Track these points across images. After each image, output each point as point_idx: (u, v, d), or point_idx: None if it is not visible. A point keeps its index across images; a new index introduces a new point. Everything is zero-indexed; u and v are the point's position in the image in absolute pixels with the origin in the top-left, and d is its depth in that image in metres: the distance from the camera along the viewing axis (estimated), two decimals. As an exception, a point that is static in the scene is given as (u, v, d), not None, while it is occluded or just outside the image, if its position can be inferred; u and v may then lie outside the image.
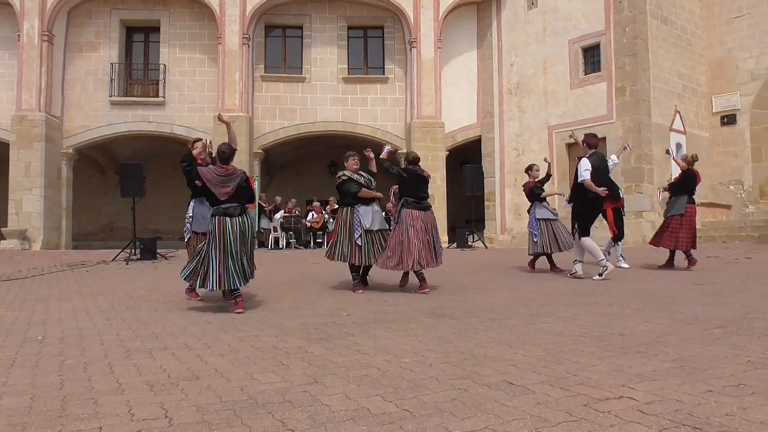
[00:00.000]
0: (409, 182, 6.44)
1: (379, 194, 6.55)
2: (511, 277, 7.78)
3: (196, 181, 5.33)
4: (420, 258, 6.15)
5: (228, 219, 5.08)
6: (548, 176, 8.79)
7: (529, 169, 8.79)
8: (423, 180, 6.55)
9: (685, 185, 8.13)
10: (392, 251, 6.23)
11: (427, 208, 6.49)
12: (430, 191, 7.00)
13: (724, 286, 6.21)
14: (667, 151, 10.37)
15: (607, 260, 7.15)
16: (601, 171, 7.20)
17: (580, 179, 7.12)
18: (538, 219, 8.28)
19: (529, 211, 8.64)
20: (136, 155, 18.43)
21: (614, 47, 14.45)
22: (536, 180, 8.63)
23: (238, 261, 5.09)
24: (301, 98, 17.11)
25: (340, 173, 6.59)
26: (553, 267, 8.27)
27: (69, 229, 16.52)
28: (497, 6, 17.06)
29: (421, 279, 6.27)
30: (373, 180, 6.64)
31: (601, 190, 6.99)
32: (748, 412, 2.16)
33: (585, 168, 7.06)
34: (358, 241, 6.30)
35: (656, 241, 8.28)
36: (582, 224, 7.24)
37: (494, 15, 17.14)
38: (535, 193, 8.50)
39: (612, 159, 8.45)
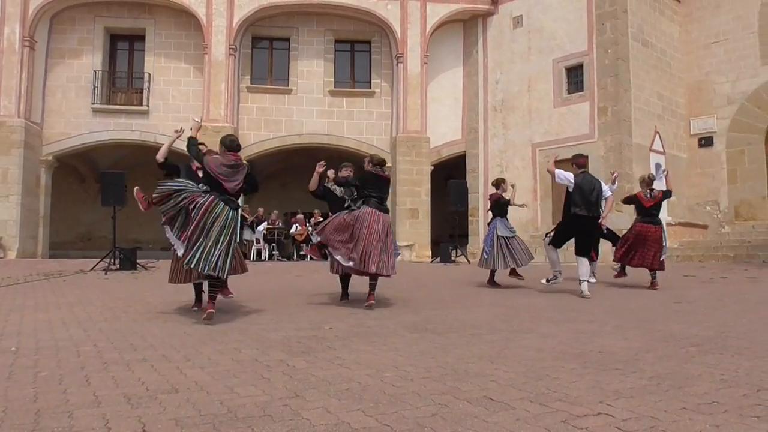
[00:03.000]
0: (374, 183, 6.32)
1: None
2: (493, 293, 7.82)
3: (196, 167, 5.19)
4: (374, 260, 5.96)
5: (223, 204, 4.97)
6: (508, 201, 8.81)
7: (502, 182, 8.86)
8: (385, 181, 6.49)
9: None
10: (348, 247, 5.99)
11: (386, 211, 6.35)
12: (414, 206, 7.07)
13: (700, 304, 6.31)
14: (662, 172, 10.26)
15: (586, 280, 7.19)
16: (585, 191, 7.20)
17: (562, 181, 7.29)
18: (499, 236, 8.34)
19: (489, 224, 8.66)
20: (118, 164, 18.24)
21: (597, 68, 14.73)
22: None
23: (222, 249, 4.92)
24: (287, 110, 17.14)
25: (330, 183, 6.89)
26: (513, 273, 8.45)
27: (46, 237, 16.25)
28: (483, 24, 17.31)
29: (372, 288, 6.15)
30: (354, 193, 6.73)
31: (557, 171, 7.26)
32: (721, 430, 2.20)
33: (564, 173, 7.26)
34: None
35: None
36: (556, 235, 7.40)
37: (480, 33, 17.39)
38: (501, 203, 8.58)
39: (608, 188, 8.45)
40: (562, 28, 15.53)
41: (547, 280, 7.53)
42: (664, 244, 8.13)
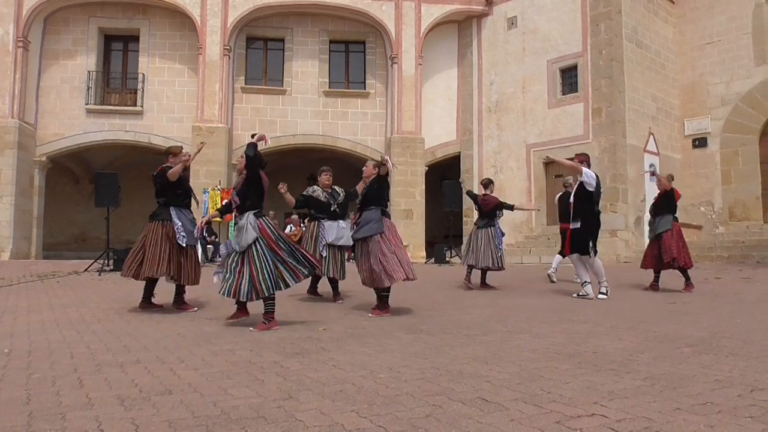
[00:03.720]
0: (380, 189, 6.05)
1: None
2: (488, 294, 7.83)
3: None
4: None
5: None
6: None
7: (491, 183, 8.83)
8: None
9: (668, 204, 8.09)
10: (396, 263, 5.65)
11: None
12: (408, 206, 7.11)
13: (695, 305, 6.33)
14: (653, 173, 9.93)
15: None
16: (598, 190, 7.12)
17: (588, 180, 6.96)
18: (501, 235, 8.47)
19: (491, 225, 8.53)
20: (112, 165, 18.19)
21: (591, 69, 14.77)
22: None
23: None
24: (281, 110, 17.12)
25: (309, 188, 7.11)
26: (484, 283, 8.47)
27: (40, 238, 16.19)
28: (478, 25, 17.34)
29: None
30: (339, 197, 6.96)
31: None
32: (715, 430, 2.20)
33: (590, 174, 6.99)
34: (323, 252, 6.71)
35: (649, 263, 8.01)
36: (592, 241, 7.09)
37: (475, 34, 17.42)
38: (505, 206, 8.62)
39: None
40: (556, 29, 15.57)
41: (600, 292, 7.09)
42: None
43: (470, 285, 8.30)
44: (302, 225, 16.26)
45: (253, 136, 5.09)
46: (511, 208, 8.84)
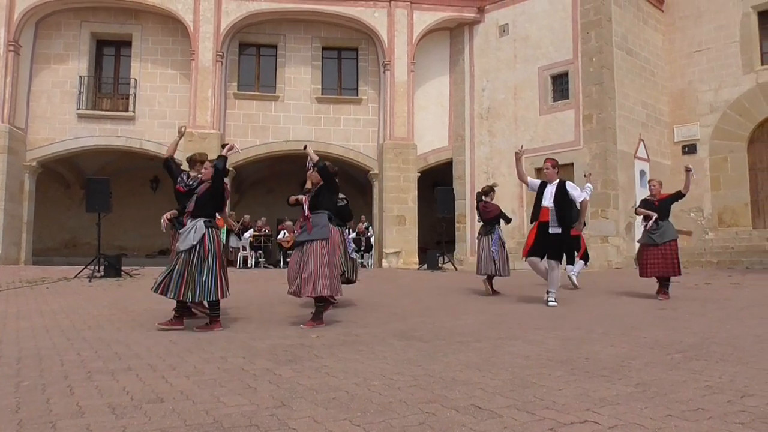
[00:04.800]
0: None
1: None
2: (480, 300, 7.84)
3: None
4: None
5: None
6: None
7: (492, 190, 8.82)
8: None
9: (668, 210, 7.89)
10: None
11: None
12: (401, 212, 7.11)
13: (685, 311, 6.38)
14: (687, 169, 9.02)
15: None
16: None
17: (580, 199, 6.99)
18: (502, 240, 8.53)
19: (491, 233, 8.55)
20: (103, 170, 18.09)
21: (582, 76, 14.88)
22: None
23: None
24: (273, 117, 17.10)
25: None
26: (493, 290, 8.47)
27: (29, 244, 16.04)
28: (470, 32, 17.44)
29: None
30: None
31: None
32: (707, 437, 2.22)
33: (580, 190, 7.06)
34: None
35: (656, 270, 7.59)
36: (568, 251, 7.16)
37: (466, 41, 17.51)
38: (504, 217, 8.67)
39: (580, 192, 8.36)
40: (547, 37, 15.69)
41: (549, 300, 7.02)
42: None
43: (491, 291, 8.34)
44: (295, 231, 16.24)
45: (223, 146, 5.24)
46: (508, 221, 8.81)
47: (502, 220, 8.70)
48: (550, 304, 6.84)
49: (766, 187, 15.41)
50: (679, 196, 7.80)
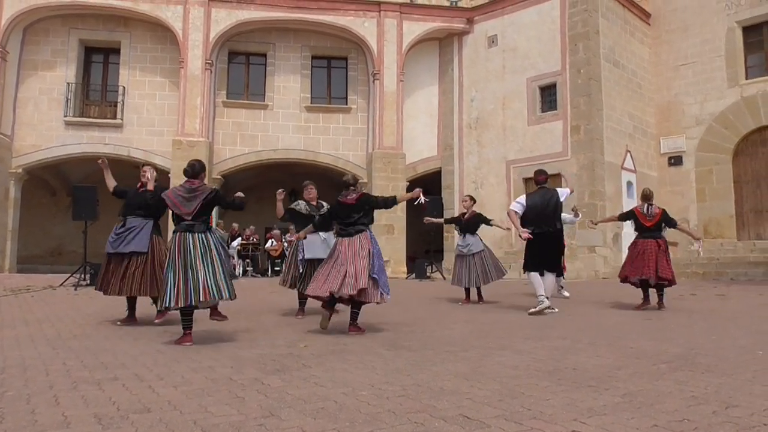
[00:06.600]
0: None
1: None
2: (468, 309, 7.86)
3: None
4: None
5: (189, 235, 4.95)
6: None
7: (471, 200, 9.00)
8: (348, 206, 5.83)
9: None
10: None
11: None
12: (389, 221, 7.08)
13: (671, 321, 6.43)
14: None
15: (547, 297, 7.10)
16: (539, 207, 7.12)
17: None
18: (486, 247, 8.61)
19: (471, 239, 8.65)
20: (90, 177, 17.91)
21: (570, 87, 15.06)
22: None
23: (200, 277, 4.79)
24: (263, 125, 17.10)
25: (293, 203, 7.03)
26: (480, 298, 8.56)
27: (14, 251, 15.86)
28: (459, 43, 17.59)
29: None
30: (323, 209, 6.81)
31: (523, 232, 6.94)
32: (692, 447, 2.24)
33: (516, 201, 7.34)
34: (300, 269, 6.67)
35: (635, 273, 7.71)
36: (527, 258, 7.31)
37: (456, 51, 17.65)
38: (485, 220, 8.72)
39: (570, 217, 8.37)
40: (535, 48, 15.86)
41: (534, 309, 7.04)
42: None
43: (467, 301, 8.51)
44: (284, 240, 16.20)
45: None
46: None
47: (483, 225, 8.80)
48: (548, 311, 6.97)
49: (750, 200, 15.62)
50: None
